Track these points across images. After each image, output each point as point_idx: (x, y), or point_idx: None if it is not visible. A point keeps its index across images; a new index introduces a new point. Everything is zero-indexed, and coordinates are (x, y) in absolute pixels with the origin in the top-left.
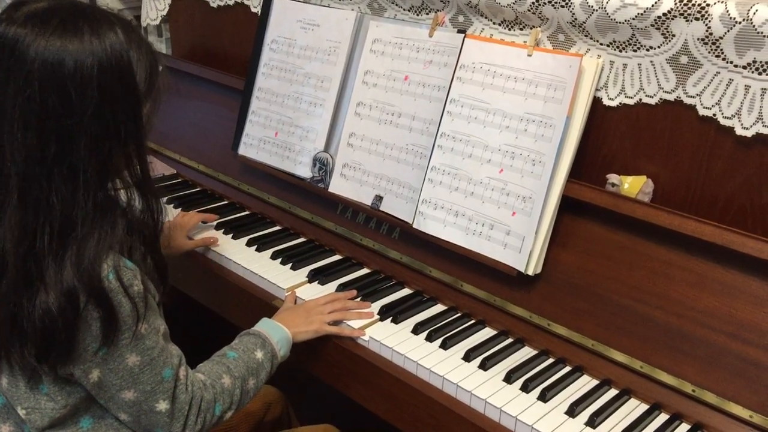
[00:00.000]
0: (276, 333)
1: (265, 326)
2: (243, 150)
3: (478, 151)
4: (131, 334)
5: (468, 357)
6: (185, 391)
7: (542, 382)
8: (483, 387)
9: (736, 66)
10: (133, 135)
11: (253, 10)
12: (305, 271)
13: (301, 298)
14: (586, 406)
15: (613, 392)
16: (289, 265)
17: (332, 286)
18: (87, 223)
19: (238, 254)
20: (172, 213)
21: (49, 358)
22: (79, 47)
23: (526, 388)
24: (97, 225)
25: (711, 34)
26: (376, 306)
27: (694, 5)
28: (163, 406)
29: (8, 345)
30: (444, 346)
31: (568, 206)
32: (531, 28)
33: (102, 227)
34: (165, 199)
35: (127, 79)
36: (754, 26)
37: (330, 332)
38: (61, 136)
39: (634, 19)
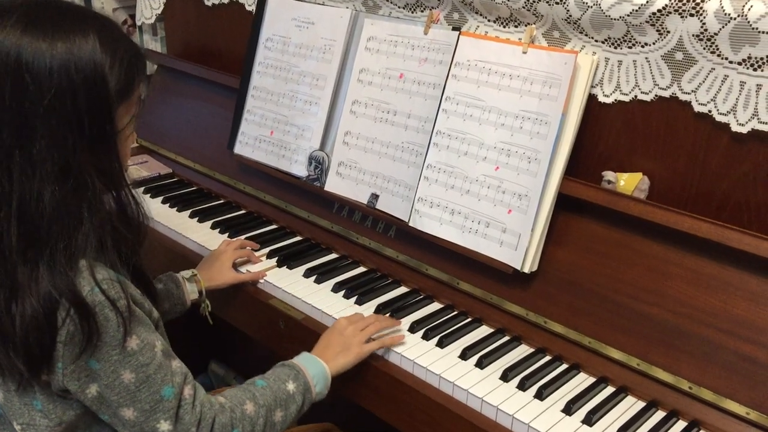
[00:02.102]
0: (312, 367)
1: (302, 359)
2: (239, 149)
3: (474, 149)
4: (121, 350)
5: (465, 355)
6: (190, 412)
7: (539, 380)
8: (480, 385)
9: (731, 62)
10: (101, 136)
11: (248, 8)
12: (301, 270)
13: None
14: (583, 404)
15: (609, 390)
16: (286, 264)
17: (328, 284)
18: (49, 221)
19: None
20: (168, 212)
21: (31, 367)
22: (39, 41)
23: (522, 386)
24: (63, 224)
25: (706, 30)
26: (372, 304)
27: (688, 1)
28: (165, 426)
29: None
30: (441, 344)
31: (564, 204)
32: (526, 25)
33: (68, 227)
34: (161, 198)
35: (95, 78)
36: (748, 22)
37: (371, 350)
38: (17, 126)
39: (628, 15)
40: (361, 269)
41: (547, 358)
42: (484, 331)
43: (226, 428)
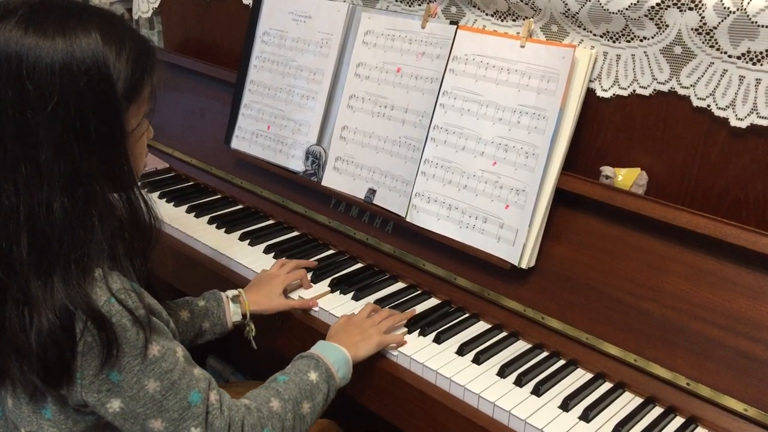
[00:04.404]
0: (331, 354)
1: (319, 348)
2: (236, 143)
3: (471, 144)
4: (143, 359)
5: (462, 351)
6: (220, 416)
7: (536, 376)
8: (476, 381)
9: (730, 56)
10: (109, 139)
11: (245, 1)
12: None
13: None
14: (580, 400)
15: (607, 386)
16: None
17: (326, 281)
18: (60, 231)
19: (231, 248)
20: (165, 209)
21: (49, 381)
22: (39, 44)
23: (519, 382)
24: (74, 234)
25: (705, 24)
26: (369, 300)
27: None
28: None
29: (6, 360)
30: (437, 340)
31: (561, 199)
32: (524, 19)
33: (79, 237)
34: (158, 193)
35: (99, 80)
36: (748, 16)
37: (390, 342)
38: (22, 136)
39: (627, 9)
40: (359, 265)
41: (545, 354)
42: (481, 326)
43: (255, 429)
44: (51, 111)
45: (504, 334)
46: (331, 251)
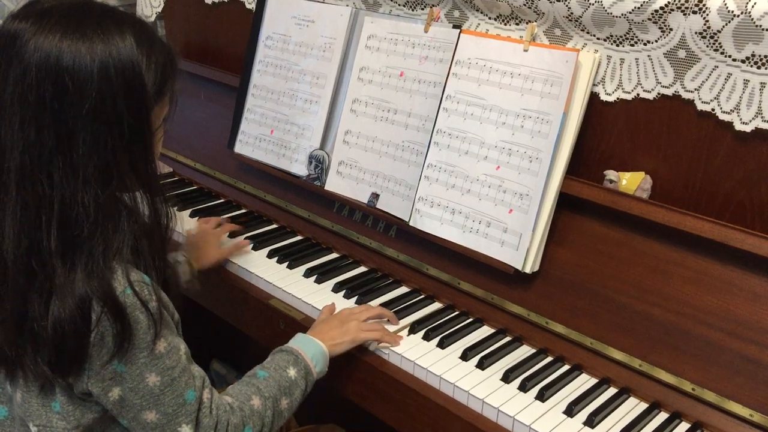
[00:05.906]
0: (310, 348)
1: (298, 342)
2: (239, 148)
3: (475, 148)
4: (149, 352)
5: (465, 356)
6: (209, 415)
7: (540, 381)
8: (480, 386)
9: (734, 60)
10: (139, 136)
11: (248, 6)
12: (302, 269)
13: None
14: (585, 406)
15: (611, 391)
16: (286, 263)
17: (329, 284)
18: (90, 224)
19: (234, 253)
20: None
21: (60, 369)
22: (79, 44)
23: (524, 387)
24: (102, 227)
25: (709, 27)
26: (372, 305)
27: None
28: (186, 430)
29: (20, 349)
30: (441, 345)
31: (565, 203)
32: (527, 23)
33: (107, 230)
34: None
35: (133, 78)
36: (752, 19)
37: (367, 338)
38: (58, 130)
39: (630, 12)
40: (362, 269)
41: (549, 359)
42: (485, 331)
43: (238, 428)
44: (89, 108)
45: (508, 338)
46: (334, 255)
